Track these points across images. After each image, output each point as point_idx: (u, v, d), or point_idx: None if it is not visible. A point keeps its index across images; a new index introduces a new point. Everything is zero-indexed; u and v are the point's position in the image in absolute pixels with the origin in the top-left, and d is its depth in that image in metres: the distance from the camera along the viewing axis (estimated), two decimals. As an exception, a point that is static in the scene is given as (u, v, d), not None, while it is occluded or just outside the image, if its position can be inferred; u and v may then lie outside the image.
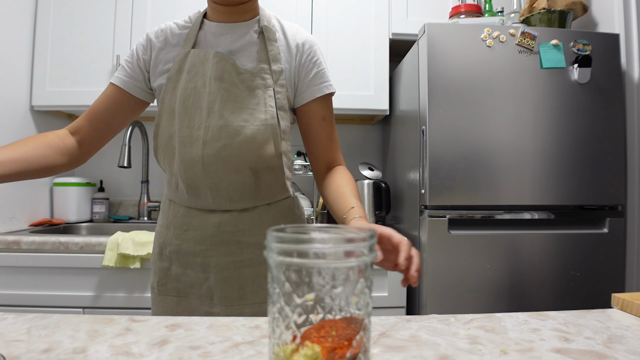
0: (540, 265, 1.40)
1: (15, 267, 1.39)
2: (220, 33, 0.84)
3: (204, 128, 0.79)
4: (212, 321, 0.59)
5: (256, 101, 0.80)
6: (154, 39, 0.86)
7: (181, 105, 0.80)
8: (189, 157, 0.80)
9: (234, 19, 0.85)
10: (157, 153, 0.86)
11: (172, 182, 0.88)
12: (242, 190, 0.83)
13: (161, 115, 0.83)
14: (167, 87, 0.82)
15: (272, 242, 0.38)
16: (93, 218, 1.97)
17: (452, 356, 0.48)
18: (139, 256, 1.38)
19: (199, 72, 0.80)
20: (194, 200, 0.84)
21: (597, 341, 0.52)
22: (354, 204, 0.78)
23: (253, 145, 0.79)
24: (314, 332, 0.37)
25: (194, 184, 0.82)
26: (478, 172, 1.41)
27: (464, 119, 1.41)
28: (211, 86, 0.79)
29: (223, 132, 0.78)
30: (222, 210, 0.84)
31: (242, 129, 0.79)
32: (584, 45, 1.45)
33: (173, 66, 0.82)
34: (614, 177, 1.45)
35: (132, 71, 0.86)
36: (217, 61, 0.80)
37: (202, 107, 0.79)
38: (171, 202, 0.89)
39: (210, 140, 0.78)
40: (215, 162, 0.79)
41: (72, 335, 0.52)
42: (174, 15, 1.79)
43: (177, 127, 0.80)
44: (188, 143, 0.80)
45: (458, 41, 1.42)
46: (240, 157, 0.80)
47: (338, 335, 0.37)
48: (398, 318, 0.61)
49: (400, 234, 0.60)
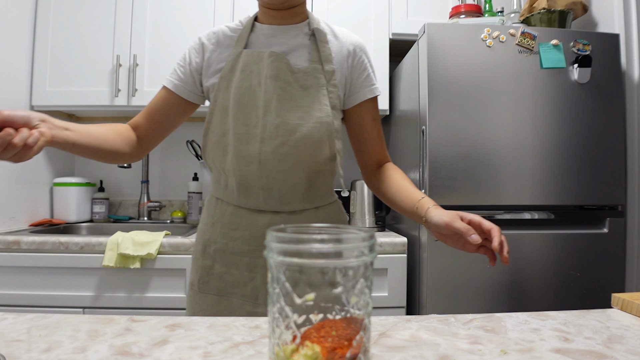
0: (540, 265, 1.40)
1: (15, 267, 1.39)
2: (272, 35, 0.87)
3: (261, 126, 0.81)
4: (212, 321, 0.59)
5: (310, 100, 0.83)
6: (206, 41, 0.89)
7: (236, 103, 0.82)
8: (245, 154, 0.81)
9: (285, 22, 0.88)
10: (206, 150, 0.88)
11: (220, 180, 0.89)
12: (294, 192, 0.85)
13: (213, 113, 0.85)
14: (220, 86, 0.84)
15: (272, 242, 0.38)
16: (93, 218, 1.97)
17: (452, 356, 0.48)
18: (139, 256, 1.38)
19: (253, 71, 0.82)
20: (244, 199, 0.85)
21: (597, 341, 0.52)
22: (422, 194, 0.83)
23: (309, 143, 0.82)
24: (314, 332, 0.37)
25: (247, 182, 0.83)
26: (478, 172, 1.41)
27: (464, 119, 1.41)
28: (267, 85, 0.81)
29: (280, 129, 0.80)
30: (271, 211, 0.85)
31: (299, 127, 0.81)
32: (584, 45, 1.45)
33: (225, 65, 0.84)
34: (613, 177, 1.45)
35: (184, 75, 0.89)
36: (273, 60, 0.82)
37: (258, 105, 0.81)
38: (218, 200, 0.90)
39: (268, 138, 0.80)
40: (272, 160, 0.81)
41: (72, 335, 0.52)
42: (174, 15, 1.79)
43: (231, 125, 0.82)
44: (244, 140, 0.81)
45: (458, 41, 1.42)
46: (296, 155, 0.81)
47: (338, 335, 0.37)
48: (398, 318, 0.61)
49: (489, 221, 0.71)
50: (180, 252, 1.41)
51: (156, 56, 1.79)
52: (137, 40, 1.78)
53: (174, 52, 1.79)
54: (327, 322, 0.38)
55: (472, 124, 1.41)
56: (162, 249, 1.40)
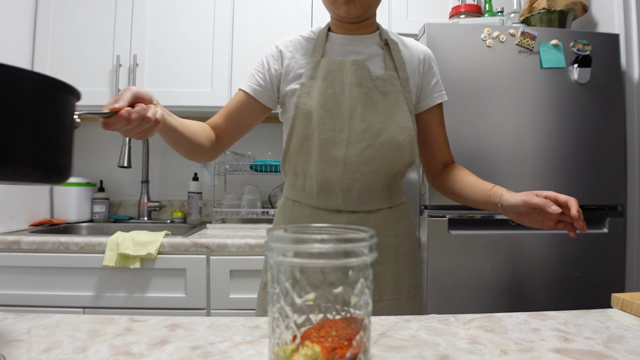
0: (540, 265, 1.40)
1: (15, 267, 1.39)
2: (347, 44, 0.93)
3: (347, 130, 0.85)
4: (212, 321, 0.59)
5: (390, 105, 0.88)
6: (283, 49, 0.94)
7: (321, 109, 0.86)
8: (331, 157, 0.86)
9: (358, 32, 0.94)
10: (288, 154, 0.91)
11: (297, 183, 0.92)
12: (372, 192, 0.89)
13: (296, 119, 0.88)
14: (301, 92, 0.88)
15: (272, 242, 0.38)
16: (93, 218, 1.97)
17: (452, 356, 0.48)
18: (139, 256, 1.38)
19: (336, 78, 0.87)
20: (324, 200, 0.89)
21: (597, 341, 0.52)
22: (492, 185, 0.89)
23: (393, 146, 0.87)
24: (314, 332, 0.37)
25: (328, 184, 0.88)
26: (478, 172, 1.39)
27: (464, 118, 1.41)
28: (351, 92, 0.86)
29: (366, 133, 0.85)
30: (349, 211, 0.89)
31: (383, 131, 0.86)
32: (584, 45, 1.45)
33: (305, 73, 0.89)
34: (613, 177, 1.45)
35: (263, 81, 0.92)
36: (356, 69, 0.87)
37: (343, 111, 0.86)
38: (295, 202, 0.93)
39: (354, 141, 0.85)
40: (357, 162, 0.86)
41: (72, 335, 0.52)
42: (174, 15, 1.79)
43: (316, 130, 0.86)
44: (330, 144, 0.86)
45: (458, 41, 1.42)
46: (380, 157, 0.86)
47: (338, 335, 0.37)
48: (398, 318, 0.61)
49: (563, 195, 0.75)
50: (180, 252, 1.41)
51: (156, 56, 1.79)
52: (137, 40, 1.79)
53: (174, 52, 1.79)
54: (327, 322, 0.38)
55: (472, 124, 1.41)
56: (162, 249, 1.40)
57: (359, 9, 0.87)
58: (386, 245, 0.90)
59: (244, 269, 1.41)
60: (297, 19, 1.81)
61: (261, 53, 0.97)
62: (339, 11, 0.88)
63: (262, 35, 1.80)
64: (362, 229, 0.41)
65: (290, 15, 1.81)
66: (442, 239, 1.38)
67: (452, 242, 1.38)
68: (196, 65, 1.79)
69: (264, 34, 1.80)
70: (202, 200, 2.01)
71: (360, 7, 0.87)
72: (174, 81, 1.79)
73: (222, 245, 1.41)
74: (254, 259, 1.42)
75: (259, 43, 1.80)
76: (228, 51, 1.79)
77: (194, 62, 1.79)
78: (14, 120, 0.41)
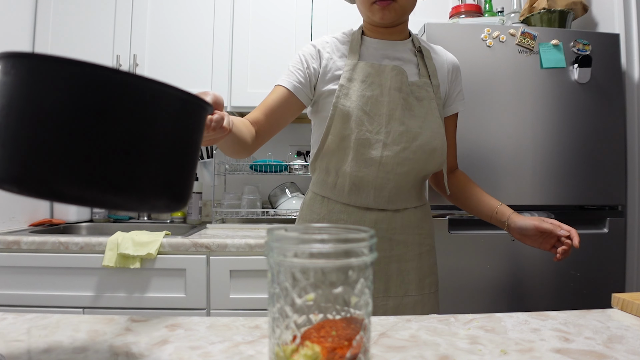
0: (540, 265, 1.40)
1: (15, 267, 1.39)
2: (382, 48, 0.95)
3: (384, 132, 0.88)
4: (212, 321, 0.59)
5: (425, 110, 0.91)
6: (321, 49, 0.96)
7: (359, 110, 0.88)
8: (367, 157, 0.89)
9: (392, 38, 0.97)
10: (323, 151, 0.93)
11: (328, 180, 0.95)
12: (401, 192, 0.93)
13: (333, 118, 0.90)
14: (340, 93, 0.90)
15: (272, 242, 0.38)
16: (93, 218, 1.97)
17: (452, 356, 0.47)
18: (139, 256, 1.38)
19: (374, 82, 0.89)
20: (355, 198, 0.92)
21: (597, 341, 0.52)
22: (498, 202, 0.97)
23: (427, 150, 0.90)
24: (314, 332, 0.37)
25: (361, 182, 0.91)
26: (478, 172, 1.40)
27: (464, 118, 1.41)
28: (391, 95, 0.89)
29: (404, 136, 0.88)
30: (378, 209, 0.92)
31: (419, 135, 0.89)
32: (584, 45, 1.45)
33: (343, 75, 0.91)
34: (614, 177, 1.45)
35: (303, 78, 0.94)
36: (396, 74, 0.90)
37: (382, 114, 0.88)
38: (324, 198, 0.96)
39: (391, 143, 0.88)
40: (392, 163, 0.89)
41: (72, 335, 0.52)
42: (174, 15, 1.79)
43: (354, 130, 0.88)
44: (367, 145, 0.88)
45: (458, 41, 1.42)
46: (414, 159, 0.90)
47: (338, 335, 0.37)
48: (398, 318, 0.61)
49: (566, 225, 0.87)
50: (180, 252, 1.41)
51: (156, 56, 1.79)
52: (137, 40, 1.78)
53: (174, 52, 1.79)
54: (327, 322, 0.38)
55: (472, 124, 1.41)
56: (162, 249, 1.40)
57: (393, 15, 0.90)
58: (411, 243, 0.95)
59: (244, 269, 1.41)
60: (297, 20, 1.81)
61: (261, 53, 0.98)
62: (375, 17, 0.90)
63: (262, 36, 1.80)
64: (363, 229, 0.40)
65: (290, 15, 1.81)
66: (442, 239, 1.38)
67: (452, 242, 1.38)
68: (196, 65, 1.79)
69: (264, 34, 1.80)
70: (202, 200, 2.01)
71: (395, 13, 0.90)
72: (173, 81, 1.77)
73: (222, 245, 1.41)
74: (254, 259, 1.41)
75: (259, 43, 1.80)
76: (228, 51, 1.79)
77: (194, 62, 1.79)
78: (149, 142, 0.36)
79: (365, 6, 0.90)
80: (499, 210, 0.96)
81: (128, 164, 0.35)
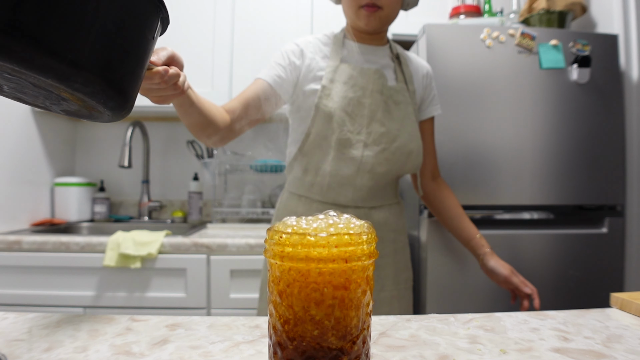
0: (539, 265, 1.40)
1: (16, 267, 1.39)
2: (363, 52, 0.98)
3: (365, 133, 0.90)
4: (212, 321, 0.59)
5: (402, 114, 0.95)
6: (304, 49, 0.97)
7: (341, 111, 0.90)
8: (347, 157, 0.91)
9: (373, 43, 1.00)
10: (303, 150, 0.94)
11: (305, 179, 0.96)
12: (378, 190, 0.96)
13: (315, 118, 0.91)
14: (322, 94, 0.91)
15: (270, 241, 0.38)
16: (94, 218, 1.97)
17: (452, 356, 0.48)
18: (140, 256, 1.38)
19: (357, 84, 0.92)
20: (333, 195, 0.95)
21: (596, 340, 0.53)
22: (477, 231, 1.05)
23: (405, 151, 0.93)
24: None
25: (341, 181, 0.93)
26: (477, 172, 1.41)
27: (463, 119, 1.41)
28: (373, 97, 0.92)
29: (384, 137, 0.91)
30: (354, 206, 0.95)
31: (397, 137, 0.92)
32: (583, 46, 1.45)
33: (325, 76, 0.92)
34: (613, 177, 1.46)
35: (284, 73, 0.95)
36: (378, 77, 0.93)
37: (363, 115, 0.91)
38: (301, 197, 0.98)
39: (371, 144, 0.90)
40: (371, 163, 0.91)
41: (73, 335, 0.52)
42: (173, 15, 1.79)
43: (335, 130, 0.90)
44: (348, 145, 0.90)
45: (457, 42, 1.42)
46: (392, 160, 0.93)
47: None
48: (398, 318, 0.61)
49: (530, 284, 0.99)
50: (181, 252, 1.41)
51: (156, 56, 1.79)
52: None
53: (174, 52, 1.79)
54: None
55: (471, 125, 1.41)
56: (163, 248, 1.41)
57: (378, 22, 0.92)
58: (387, 240, 0.99)
59: (244, 269, 1.42)
60: (297, 20, 1.81)
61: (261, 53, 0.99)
62: (360, 22, 0.92)
63: (262, 36, 1.80)
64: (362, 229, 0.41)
65: (291, 15, 1.82)
66: (441, 239, 1.38)
67: (452, 242, 1.38)
68: (196, 65, 1.79)
69: (264, 34, 1.81)
70: (203, 200, 2.01)
71: (379, 21, 0.92)
72: (174, 81, 1.79)
73: (222, 245, 1.41)
74: (254, 258, 1.42)
75: (259, 43, 1.80)
76: (228, 51, 1.79)
77: (194, 62, 1.79)
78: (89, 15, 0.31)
79: (353, 10, 0.92)
80: (475, 242, 1.03)
81: (59, 11, 0.29)
